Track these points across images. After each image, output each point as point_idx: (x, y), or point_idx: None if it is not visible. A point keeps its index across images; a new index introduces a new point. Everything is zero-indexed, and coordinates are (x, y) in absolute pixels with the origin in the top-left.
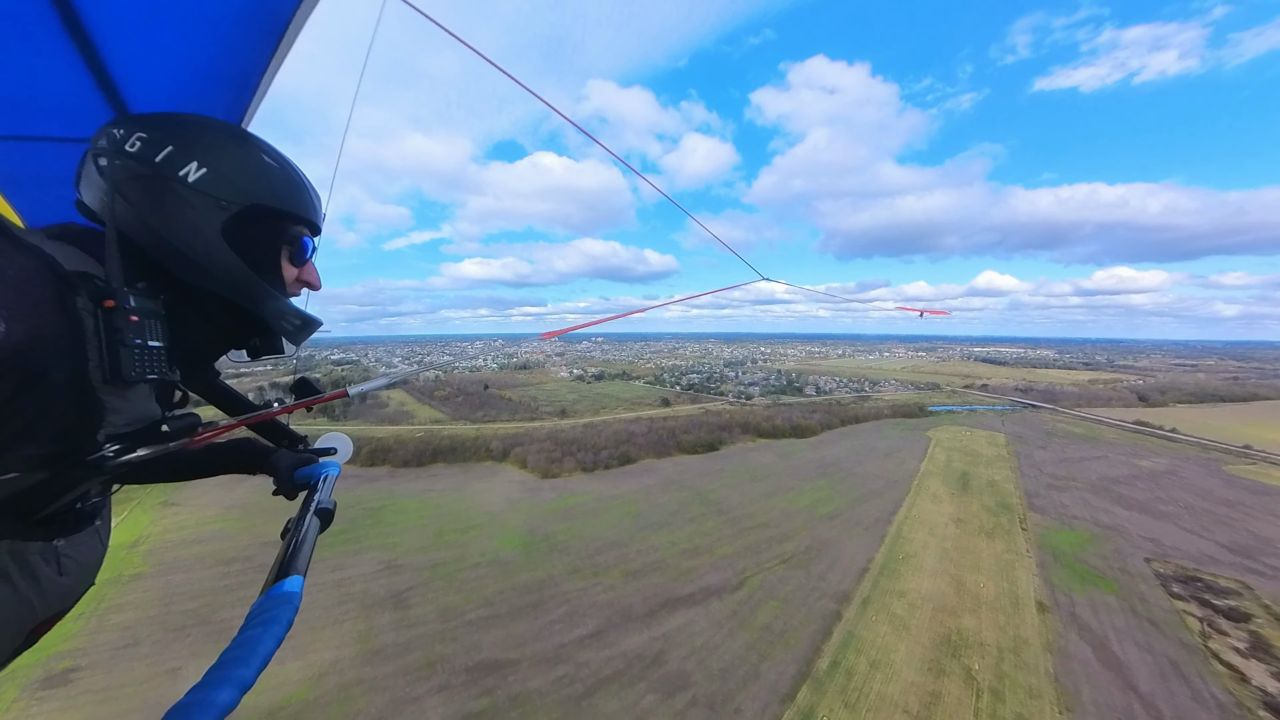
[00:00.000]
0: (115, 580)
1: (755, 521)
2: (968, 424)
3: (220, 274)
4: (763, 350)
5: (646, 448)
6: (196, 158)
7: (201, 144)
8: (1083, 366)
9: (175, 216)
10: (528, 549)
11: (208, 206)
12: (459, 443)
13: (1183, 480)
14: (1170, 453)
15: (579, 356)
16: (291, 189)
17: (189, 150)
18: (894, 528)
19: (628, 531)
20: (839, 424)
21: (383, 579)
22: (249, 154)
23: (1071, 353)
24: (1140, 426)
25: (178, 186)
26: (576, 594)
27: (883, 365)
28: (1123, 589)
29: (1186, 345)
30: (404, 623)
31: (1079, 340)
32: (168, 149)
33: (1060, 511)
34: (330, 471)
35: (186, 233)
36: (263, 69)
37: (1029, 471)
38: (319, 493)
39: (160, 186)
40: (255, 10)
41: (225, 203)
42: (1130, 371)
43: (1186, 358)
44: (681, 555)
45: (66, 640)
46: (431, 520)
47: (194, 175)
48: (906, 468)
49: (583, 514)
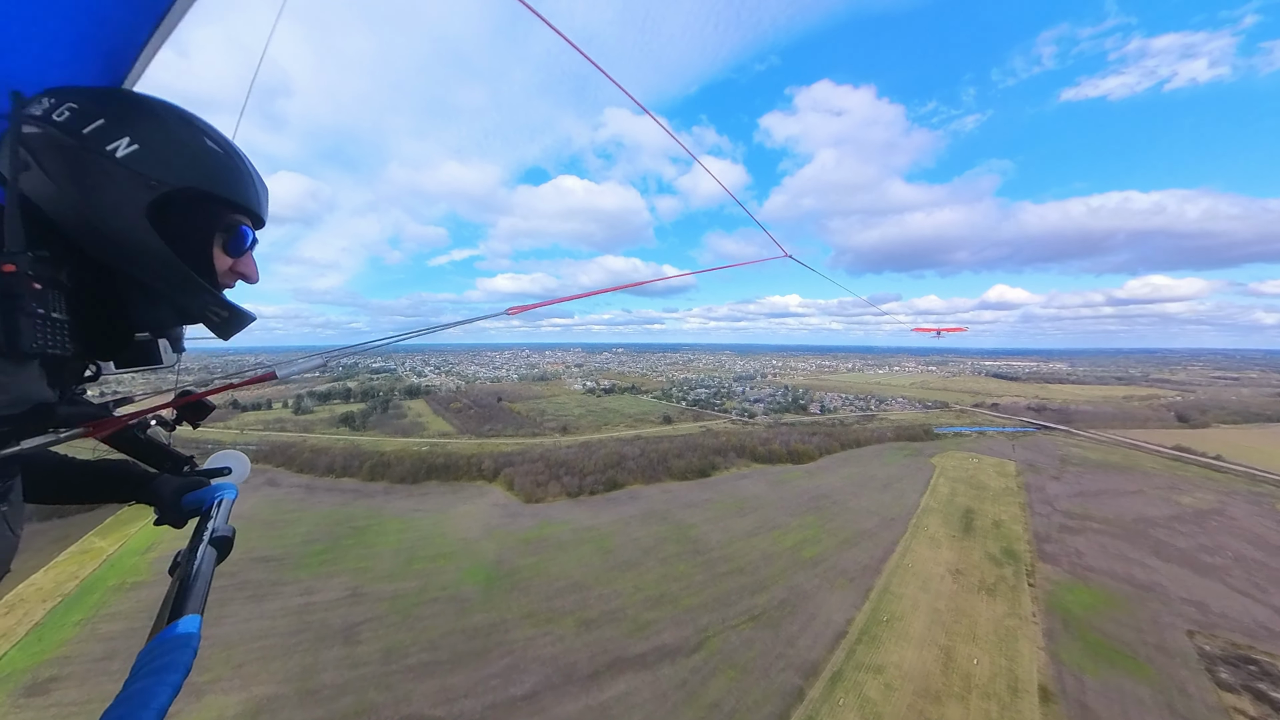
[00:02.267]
0: (119, 587)
1: (732, 565)
2: (975, 449)
3: (139, 255)
4: (774, 364)
5: (636, 472)
6: (129, 133)
7: (138, 120)
8: (1097, 381)
9: (95, 191)
10: (489, 585)
11: (135, 184)
12: (455, 460)
13: (1231, 522)
14: (1215, 485)
15: (596, 368)
16: (233, 176)
17: (122, 125)
18: (882, 579)
19: (594, 571)
20: (839, 448)
21: (342, 609)
22: (191, 136)
23: (1094, 365)
24: (1180, 453)
25: (103, 161)
26: (524, 644)
27: (891, 381)
28: (1156, 672)
29: (1225, 354)
30: (348, 661)
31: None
32: (98, 121)
33: (1074, 561)
34: (225, 494)
35: (106, 209)
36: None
37: (1040, 508)
38: (213, 519)
39: (83, 159)
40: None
41: (155, 182)
42: (1168, 385)
43: (1226, 369)
44: (644, 604)
45: (61, 646)
46: (407, 545)
47: (123, 151)
48: (905, 502)
49: (554, 547)
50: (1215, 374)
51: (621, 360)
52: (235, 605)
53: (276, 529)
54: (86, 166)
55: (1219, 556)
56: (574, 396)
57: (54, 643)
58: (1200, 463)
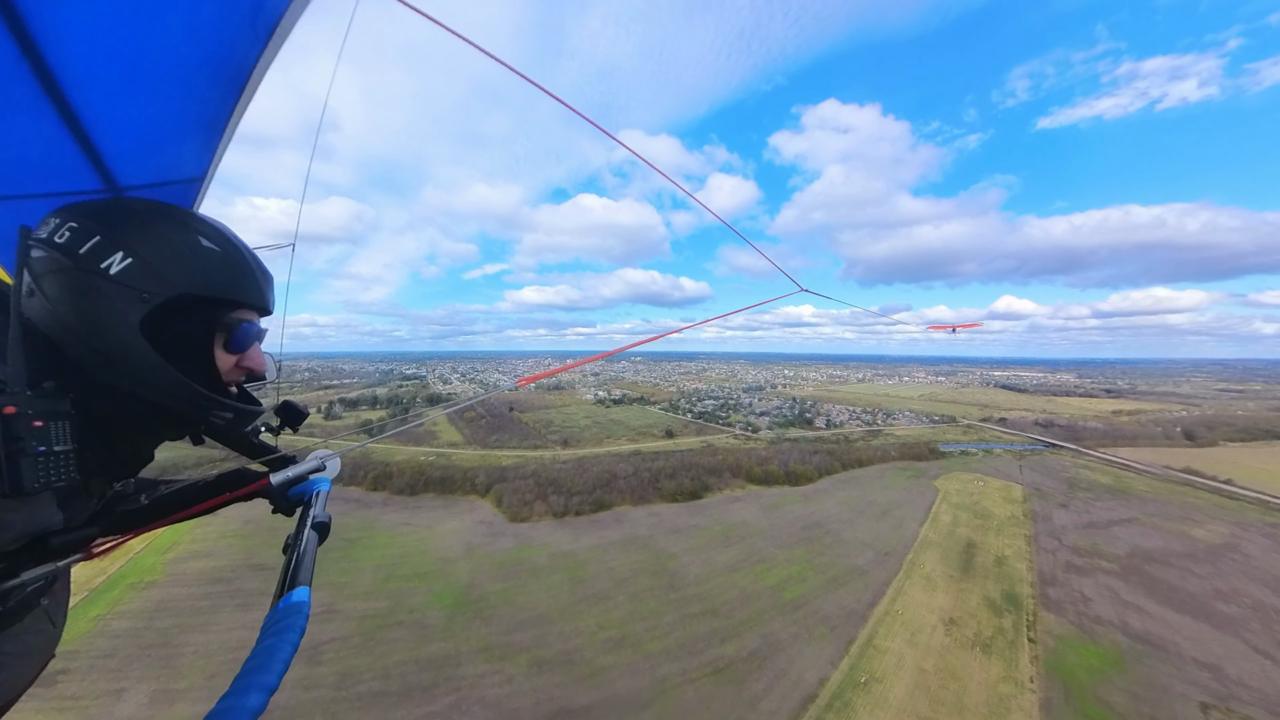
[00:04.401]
0: (135, 585)
1: (705, 605)
2: (981, 469)
3: (133, 370)
4: (786, 374)
5: (625, 493)
6: (122, 248)
7: (132, 233)
8: (1105, 394)
9: (90, 311)
10: (455, 610)
11: (127, 300)
12: (452, 473)
13: (1246, 561)
14: (1227, 514)
15: (612, 377)
16: (229, 273)
17: (116, 240)
18: (867, 629)
19: (561, 603)
20: (840, 468)
21: (314, 625)
22: (184, 240)
23: (1095, 377)
24: (1189, 475)
25: (98, 280)
26: (472, 681)
27: (900, 393)
28: None
29: (1227, 364)
30: (305, 682)
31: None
32: (94, 240)
33: (1081, 611)
34: (321, 488)
35: (101, 328)
36: (227, 117)
37: (1046, 541)
38: (313, 508)
39: (79, 280)
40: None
41: (147, 294)
42: (1173, 399)
43: (1230, 381)
44: (603, 646)
45: (75, 640)
46: (389, 561)
47: (116, 267)
48: (904, 533)
49: (528, 572)
50: (1219, 386)
51: (638, 369)
52: (223, 613)
53: (278, 537)
54: (83, 289)
55: (1235, 605)
56: (583, 407)
57: (70, 636)
58: (1210, 487)
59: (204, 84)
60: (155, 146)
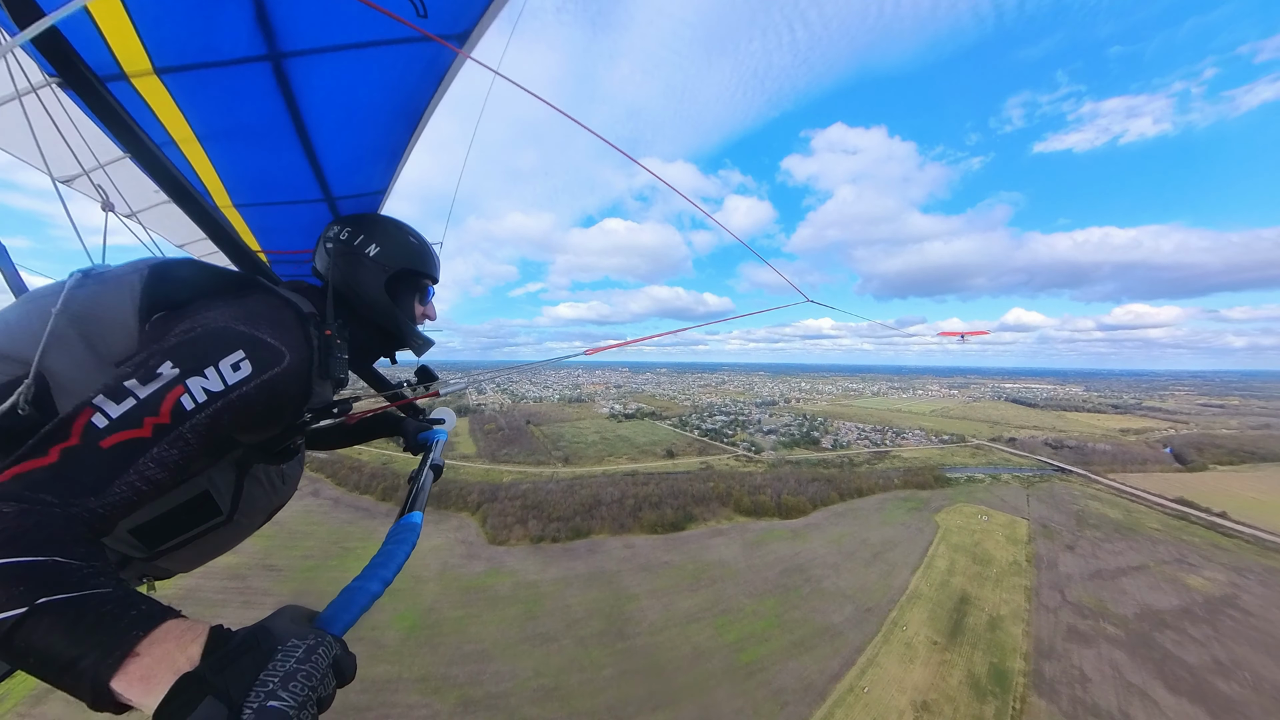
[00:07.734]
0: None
1: (650, 660)
2: (987, 500)
3: (381, 312)
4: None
5: (607, 520)
6: (375, 241)
7: (378, 233)
8: (1112, 410)
9: (362, 277)
10: (410, 633)
11: (377, 271)
12: (450, 488)
13: (1247, 620)
14: (1223, 557)
15: (633, 390)
16: (425, 257)
17: (370, 237)
18: (822, 710)
19: (507, 639)
20: (836, 499)
21: None
22: (402, 236)
23: (1098, 388)
24: (1184, 509)
25: (365, 260)
26: (401, 711)
27: (911, 408)
28: None
29: (1203, 376)
30: None
31: (1104, 373)
32: (360, 237)
33: (1076, 697)
34: (440, 437)
35: (366, 287)
36: (404, 146)
37: (1048, 596)
38: (433, 452)
39: (355, 259)
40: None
41: (387, 267)
42: (1158, 415)
43: (1209, 393)
44: (533, 695)
45: None
46: None
47: (373, 252)
48: (892, 582)
49: (488, 601)
50: (1200, 401)
51: (660, 381)
52: (229, 610)
53: (294, 540)
54: (357, 264)
55: (1234, 681)
56: (597, 421)
57: None
58: (1204, 521)
59: (390, 121)
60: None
